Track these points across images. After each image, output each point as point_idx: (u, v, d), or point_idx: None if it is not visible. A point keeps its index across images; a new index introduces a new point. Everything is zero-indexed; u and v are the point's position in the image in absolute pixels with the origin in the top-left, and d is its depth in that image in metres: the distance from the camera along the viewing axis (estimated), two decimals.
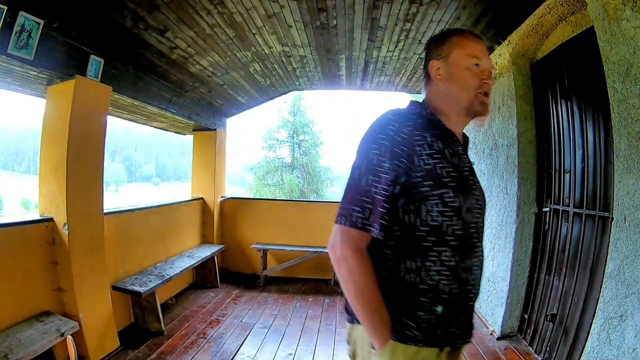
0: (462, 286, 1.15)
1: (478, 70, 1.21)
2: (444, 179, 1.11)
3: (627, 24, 1.82)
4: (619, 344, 1.94)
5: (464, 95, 1.21)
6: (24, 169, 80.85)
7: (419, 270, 1.12)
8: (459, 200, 1.13)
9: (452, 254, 1.13)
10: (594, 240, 2.52)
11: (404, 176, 1.08)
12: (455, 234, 1.13)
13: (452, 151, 1.18)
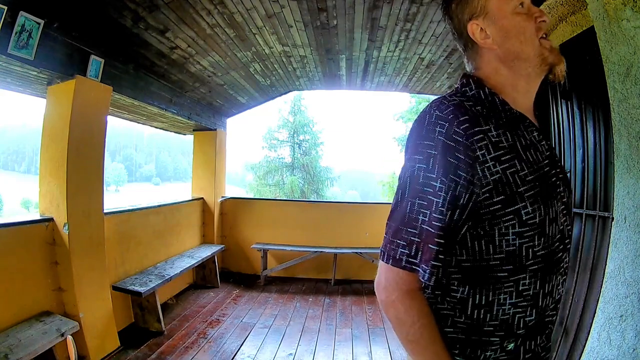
0: (540, 315, 0.91)
1: (526, 10, 0.91)
2: (519, 189, 0.83)
3: (627, 24, 1.82)
4: (619, 344, 1.93)
5: (530, 49, 0.90)
6: (24, 168, 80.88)
7: (490, 305, 0.87)
8: (541, 212, 0.85)
9: (531, 280, 0.88)
10: (594, 240, 2.52)
11: (465, 195, 0.79)
12: (537, 255, 0.87)
13: (527, 142, 0.87)
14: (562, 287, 0.94)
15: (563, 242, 0.91)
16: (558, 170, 0.91)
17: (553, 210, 0.87)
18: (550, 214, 0.86)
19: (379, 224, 4.75)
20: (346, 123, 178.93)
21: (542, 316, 0.90)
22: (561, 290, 0.94)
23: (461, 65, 4.27)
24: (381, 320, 4.05)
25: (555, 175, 0.89)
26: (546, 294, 0.89)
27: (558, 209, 0.88)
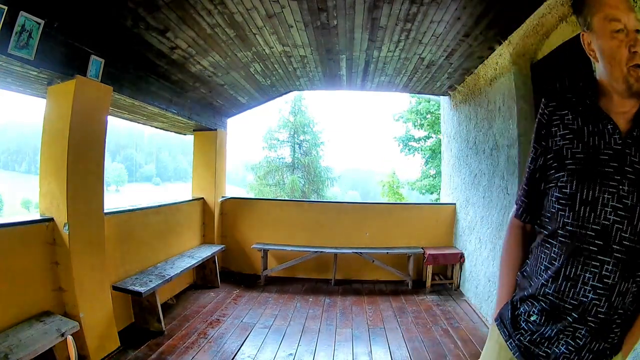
0: (560, 299, 1.00)
1: (624, 37, 0.97)
2: (567, 162, 1.01)
3: None
4: None
5: (618, 73, 0.98)
6: (25, 168, 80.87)
7: (533, 262, 1.10)
8: (573, 185, 0.97)
9: (556, 251, 1.00)
10: None
11: (541, 158, 1.12)
12: (566, 229, 0.98)
13: (596, 130, 1.00)
14: (593, 292, 0.95)
15: (602, 238, 0.94)
16: (627, 168, 0.95)
17: (590, 192, 0.96)
18: (585, 194, 0.96)
19: (379, 224, 4.78)
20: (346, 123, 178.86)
21: (562, 303, 0.99)
22: (590, 295, 0.96)
23: (461, 65, 4.28)
24: (381, 320, 4.05)
25: (612, 168, 0.95)
26: (569, 278, 0.98)
27: (601, 196, 0.94)
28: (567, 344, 0.99)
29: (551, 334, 1.01)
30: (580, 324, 0.98)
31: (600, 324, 0.96)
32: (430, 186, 16.09)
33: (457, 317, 4.10)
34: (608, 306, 0.95)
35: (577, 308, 0.98)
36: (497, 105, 3.79)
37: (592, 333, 0.97)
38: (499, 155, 3.77)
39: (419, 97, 14.94)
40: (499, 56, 3.62)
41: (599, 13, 1.00)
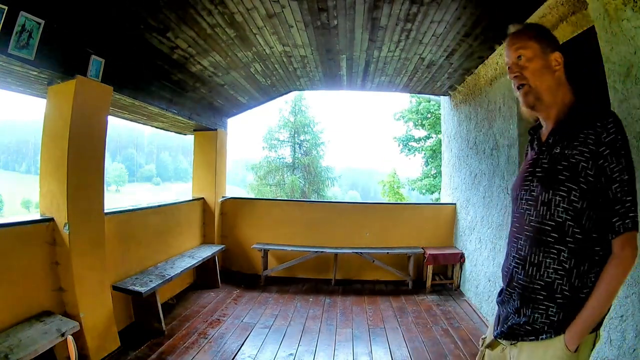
0: (502, 270, 1.42)
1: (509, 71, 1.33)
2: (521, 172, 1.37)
3: (627, 24, 1.82)
4: (619, 344, 1.93)
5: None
6: (25, 168, 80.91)
7: None
8: (513, 189, 1.36)
9: (508, 236, 1.38)
10: None
11: None
12: (512, 220, 1.37)
13: (530, 147, 1.42)
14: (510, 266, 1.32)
15: (518, 225, 1.30)
16: (537, 168, 1.27)
17: (517, 191, 1.33)
18: (515, 194, 1.35)
19: (380, 224, 4.77)
20: (347, 123, 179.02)
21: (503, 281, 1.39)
22: (510, 267, 1.31)
23: (462, 66, 4.28)
24: (382, 320, 4.05)
25: (530, 171, 1.29)
26: (506, 252, 1.39)
27: (520, 193, 1.30)
28: (509, 306, 1.30)
29: (503, 299, 1.35)
30: (512, 289, 1.28)
31: (523, 289, 1.24)
32: (430, 186, 16.10)
33: (458, 317, 4.10)
34: (524, 274, 1.24)
35: (506, 276, 1.32)
36: (497, 105, 3.79)
37: (520, 298, 1.25)
38: (499, 155, 3.77)
39: (419, 97, 14.95)
40: (499, 56, 3.62)
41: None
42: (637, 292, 1.84)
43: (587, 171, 1.13)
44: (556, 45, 1.30)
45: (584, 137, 1.14)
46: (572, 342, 1.14)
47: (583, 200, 1.14)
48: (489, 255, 4.02)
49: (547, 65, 1.26)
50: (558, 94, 1.27)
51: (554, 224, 1.17)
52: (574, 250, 1.16)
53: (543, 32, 1.31)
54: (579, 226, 1.15)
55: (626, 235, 1.09)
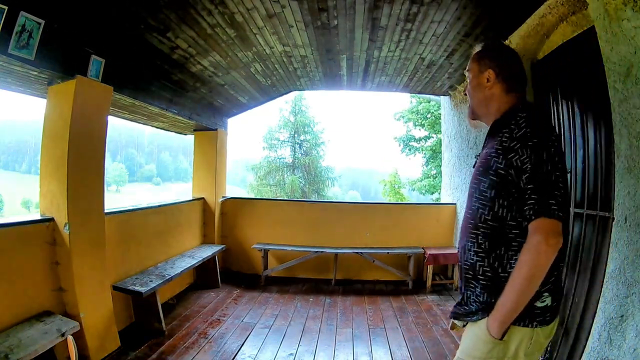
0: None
1: None
2: None
3: (627, 24, 1.82)
4: (619, 344, 1.93)
5: None
6: (25, 168, 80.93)
7: None
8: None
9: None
10: (595, 240, 2.51)
11: None
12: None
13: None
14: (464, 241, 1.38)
15: (465, 216, 1.40)
16: (476, 167, 1.42)
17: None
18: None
19: (380, 224, 4.78)
20: (347, 123, 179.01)
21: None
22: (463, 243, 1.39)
23: (462, 65, 4.27)
24: (382, 320, 4.05)
25: (474, 170, 1.43)
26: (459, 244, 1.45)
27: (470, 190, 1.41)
28: (459, 287, 1.44)
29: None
30: (460, 272, 1.43)
31: (460, 271, 1.41)
32: (430, 186, 16.10)
33: None
34: (461, 257, 1.40)
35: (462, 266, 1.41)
36: None
37: (461, 279, 1.41)
38: None
39: (419, 97, 14.95)
40: None
41: None
42: (637, 292, 1.83)
43: (498, 164, 1.24)
44: (495, 63, 1.42)
45: (501, 135, 1.27)
46: (492, 327, 1.21)
47: (491, 190, 1.26)
48: None
49: (479, 83, 1.44)
50: (491, 106, 1.43)
51: (471, 211, 1.33)
52: (488, 235, 1.28)
53: (484, 53, 1.47)
54: (492, 213, 1.27)
55: (537, 222, 1.15)
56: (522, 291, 1.16)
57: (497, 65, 1.42)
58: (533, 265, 1.14)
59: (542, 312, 1.23)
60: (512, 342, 1.21)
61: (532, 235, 1.16)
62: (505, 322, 1.19)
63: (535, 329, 1.22)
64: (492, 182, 1.26)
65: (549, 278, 1.21)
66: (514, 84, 1.41)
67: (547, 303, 1.23)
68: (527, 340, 1.21)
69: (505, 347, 1.21)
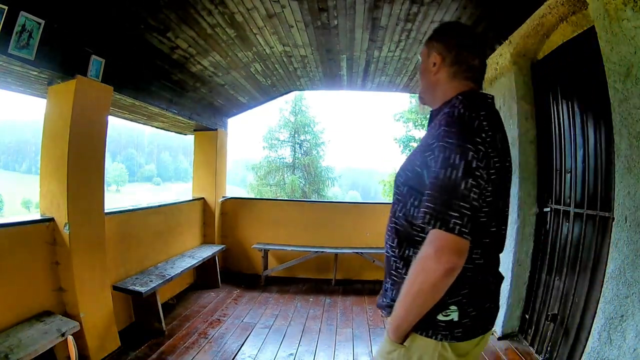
0: None
1: None
2: None
3: (627, 24, 1.82)
4: (619, 344, 1.93)
5: None
6: (25, 168, 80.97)
7: None
8: None
9: None
10: (595, 240, 2.52)
11: None
12: None
13: None
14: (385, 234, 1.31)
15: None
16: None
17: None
18: None
19: (380, 224, 4.75)
20: (347, 123, 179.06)
21: None
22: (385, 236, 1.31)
23: None
24: (382, 321, 4.04)
25: None
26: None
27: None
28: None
29: None
30: None
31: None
32: None
33: None
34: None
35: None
36: (497, 105, 3.76)
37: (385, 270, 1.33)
38: None
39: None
40: (500, 56, 3.62)
41: None
42: (637, 292, 1.84)
43: (415, 161, 1.15)
44: (443, 46, 1.26)
45: (429, 129, 1.21)
46: (389, 328, 1.14)
47: (404, 186, 1.18)
48: None
49: (426, 68, 1.30)
50: (436, 92, 1.27)
51: (392, 204, 1.25)
52: (397, 231, 1.20)
53: (434, 35, 1.32)
54: (404, 210, 1.17)
55: (432, 233, 1.00)
56: (410, 302, 1.05)
57: (445, 49, 1.25)
58: (419, 280, 1.01)
59: (448, 327, 1.09)
60: (414, 350, 1.11)
61: (424, 246, 1.02)
62: (400, 327, 1.10)
63: (442, 343, 1.08)
64: (407, 178, 1.17)
65: (459, 290, 1.08)
66: (463, 70, 1.23)
67: (452, 318, 1.09)
68: (431, 352, 1.09)
69: (407, 353, 1.11)
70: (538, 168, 3.34)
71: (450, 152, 1.01)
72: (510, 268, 3.40)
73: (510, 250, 3.44)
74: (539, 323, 3.17)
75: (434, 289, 1.00)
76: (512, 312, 3.45)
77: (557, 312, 2.87)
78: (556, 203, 3.09)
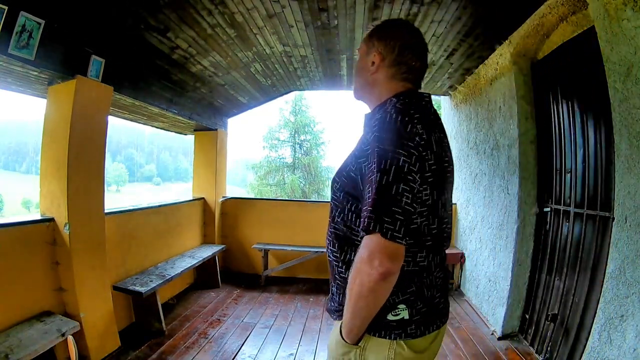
0: None
1: None
2: None
3: (627, 24, 1.82)
4: (619, 344, 1.93)
5: None
6: (25, 168, 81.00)
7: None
8: None
9: None
10: (595, 240, 2.52)
11: None
12: None
13: None
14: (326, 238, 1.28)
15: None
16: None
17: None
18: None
19: None
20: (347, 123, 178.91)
21: None
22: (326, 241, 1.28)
23: (462, 66, 4.28)
24: None
25: None
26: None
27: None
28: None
29: None
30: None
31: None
32: None
33: (458, 317, 4.10)
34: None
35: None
36: (497, 105, 3.79)
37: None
38: (499, 155, 3.77)
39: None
40: (500, 56, 3.62)
41: None
42: (637, 292, 1.84)
43: (351, 166, 1.14)
44: (384, 44, 1.22)
45: (364, 134, 1.17)
46: (342, 330, 1.12)
47: (341, 191, 1.17)
48: (489, 255, 4.02)
49: (364, 66, 1.27)
50: (373, 92, 1.25)
51: (330, 210, 1.23)
52: (338, 236, 1.19)
53: (374, 31, 1.28)
54: (342, 215, 1.17)
55: (368, 236, 1.00)
56: (354, 305, 1.05)
57: (387, 49, 1.22)
58: (357, 283, 1.01)
59: (400, 325, 1.10)
60: (369, 351, 1.11)
61: (359, 250, 1.03)
62: (351, 330, 1.10)
63: (398, 342, 1.10)
64: (343, 183, 1.16)
65: (406, 289, 1.10)
66: (403, 72, 1.21)
67: (402, 316, 1.10)
68: (386, 351, 1.10)
69: (363, 353, 1.12)
70: (538, 168, 3.34)
71: (381, 157, 1.01)
72: (510, 268, 3.40)
73: (510, 250, 3.44)
74: (539, 323, 3.17)
75: (373, 293, 1.00)
76: (512, 312, 3.45)
77: (557, 312, 2.88)
78: (556, 203, 3.09)
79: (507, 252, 3.51)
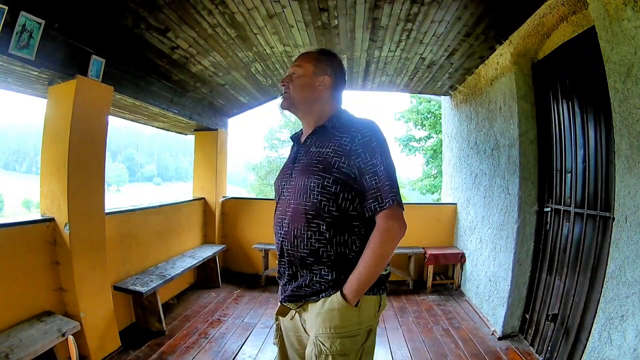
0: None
1: None
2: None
3: (628, 24, 1.82)
4: (620, 344, 1.93)
5: None
6: (25, 168, 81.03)
7: None
8: (275, 183, 1.61)
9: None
10: (595, 240, 2.52)
11: None
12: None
13: (292, 148, 1.68)
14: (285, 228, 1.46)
15: (282, 205, 1.49)
16: (295, 163, 1.52)
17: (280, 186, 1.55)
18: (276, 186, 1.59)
19: None
20: None
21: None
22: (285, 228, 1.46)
23: (462, 65, 4.28)
24: (382, 320, 4.04)
25: (289, 167, 1.55)
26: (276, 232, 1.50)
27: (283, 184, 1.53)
28: (285, 275, 1.49)
29: (279, 270, 1.54)
30: (283, 259, 1.48)
31: (293, 257, 1.44)
32: (431, 186, 16.10)
33: (458, 317, 4.10)
34: (290, 245, 1.43)
35: (278, 250, 1.49)
36: (497, 105, 3.79)
37: (292, 265, 1.45)
38: (499, 155, 3.76)
39: (419, 97, 14.93)
40: (500, 56, 3.62)
41: None
42: (638, 292, 1.84)
43: (340, 164, 1.37)
44: (334, 73, 1.55)
45: (338, 139, 1.41)
46: (349, 296, 1.35)
47: (336, 185, 1.37)
48: (489, 255, 4.02)
49: (311, 84, 1.52)
50: (315, 106, 1.53)
51: (310, 204, 1.39)
52: (331, 224, 1.38)
53: (326, 59, 1.56)
54: (335, 205, 1.37)
55: (386, 212, 1.34)
56: (375, 267, 1.33)
57: (335, 76, 1.56)
58: (388, 246, 1.34)
59: (385, 280, 1.48)
60: (366, 309, 1.41)
61: (387, 221, 1.34)
62: (360, 293, 1.35)
63: (381, 295, 1.48)
64: (335, 178, 1.37)
65: None
66: (339, 94, 1.59)
67: (388, 271, 1.49)
68: (377, 304, 1.46)
69: (361, 312, 1.39)
70: (538, 168, 3.34)
71: (384, 153, 1.38)
72: (511, 268, 3.40)
73: (510, 250, 3.44)
74: (540, 323, 3.17)
75: (393, 251, 1.37)
76: (513, 312, 3.45)
77: (558, 312, 2.88)
78: (556, 203, 3.09)
79: (507, 252, 3.51)
